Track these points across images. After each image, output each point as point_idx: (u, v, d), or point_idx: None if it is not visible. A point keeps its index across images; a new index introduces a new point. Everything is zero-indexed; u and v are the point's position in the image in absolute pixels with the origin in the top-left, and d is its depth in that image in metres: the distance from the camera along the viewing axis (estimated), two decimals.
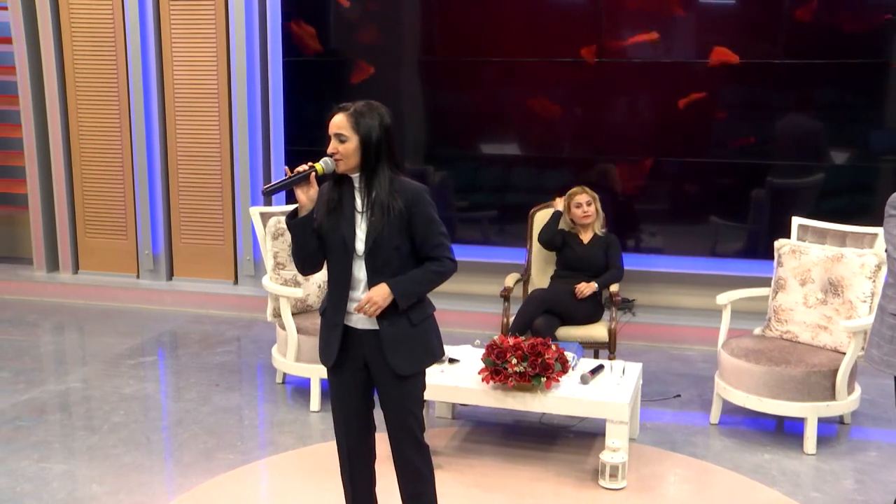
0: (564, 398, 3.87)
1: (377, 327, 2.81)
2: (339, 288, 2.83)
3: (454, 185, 6.31)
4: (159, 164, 6.59)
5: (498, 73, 6.05)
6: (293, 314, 4.69)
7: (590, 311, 4.80)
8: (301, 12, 6.22)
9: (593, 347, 4.82)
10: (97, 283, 6.74)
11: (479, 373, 3.94)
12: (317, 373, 4.55)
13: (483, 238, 6.30)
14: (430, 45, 6.21)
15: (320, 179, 2.79)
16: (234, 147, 6.42)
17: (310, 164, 2.76)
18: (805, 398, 4.10)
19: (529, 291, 5.10)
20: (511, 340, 3.94)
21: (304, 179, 2.74)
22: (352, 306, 2.83)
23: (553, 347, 3.94)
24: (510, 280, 5.04)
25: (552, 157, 6.12)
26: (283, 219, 4.77)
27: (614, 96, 5.92)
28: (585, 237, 5.01)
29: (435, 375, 4.04)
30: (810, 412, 4.12)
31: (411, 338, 2.85)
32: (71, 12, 6.58)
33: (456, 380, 4.03)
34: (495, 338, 3.99)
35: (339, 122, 2.75)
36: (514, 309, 4.85)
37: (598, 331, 4.78)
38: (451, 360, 4.23)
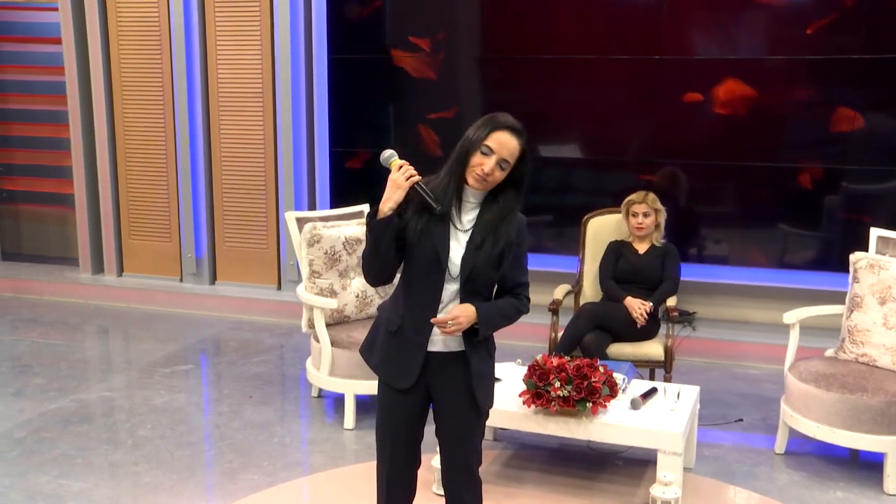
0: (612, 425, 3.54)
1: (461, 348, 2.57)
2: (424, 307, 2.54)
3: None
4: (203, 165, 6.44)
5: (556, 71, 5.71)
6: (329, 325, 4.45)
7: (644, 327, 4.44)
8: (348, 5, 6.00)
9: (648, 366, 4.47)
10: (141, 286, 6.61)
11: (521, 395, 3.63)
12: (351, 388, 4.31)
13: (537, 244, 5.97)
14: (487, 41, 5.89)
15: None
16: (278, 148, 6.22)
17: (413, 173, 2.51)
18: (884, 430, 3.69)
19: (580, 304, 4.77)
20: (555, 361, 3.63)
21: (426, 207, 2.49)
22: (436, 329, 2.57)
23: (601, 370, 3.61)
24: (559, 292, 4.72)
25: (612, 160, 5.76)
26: (319, 224, 4.53)
27: (678, 95, 5.53)
28: (641, 247, 4.65)
29: None
30: (891, 447, 3.70)
31: (490, 370, 2.66)
32: (118, 12, 6.47)
33: (496, 401, 3.71)
34: (538, 358, 3.68)
35: (512, 147, 2.48)
36: (565, 323, 4.53)
37: (652, 348, 4.42)
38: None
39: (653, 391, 3.79)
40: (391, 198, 2.48)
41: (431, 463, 3.55)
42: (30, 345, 5.65)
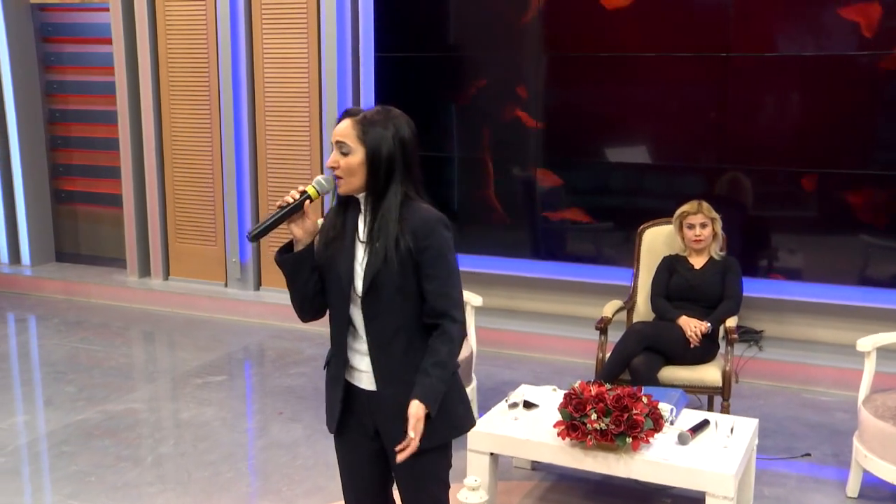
0: (655, 463, 3.20)
1: (372, 388, 2.30)
2: (339, 335, 2.31)
3: (566, 192, 5.67)
4: (248, 167, 6.29)
5: (616, 69, 5.36)
6: None
7: (700, 349, 4.07)
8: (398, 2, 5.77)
9: (704, 392, 4.10)
10: (185, 290, 6.51)
11: (555, 426, 3.32)
12: None
13: (596, 253, 5.63)
14: (546, 38, 5.57)
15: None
16: (324, 151, 6.03)
17: (301, 189, 2.25)
18: None
19: (632, 322, 4.43)
20: (593, 389, 3.31)
21: (296, 211, 2.23)
22: (354, 358, 2.31)
23: (644, 400, 3.28)
24: (609, 309, 4.38)
25: (675, 164, 5.37)
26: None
27: (747, 95, 5.12)
28: (698, 261, 4.28)
29: (506, 423, 3.47)
30: None
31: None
32: (167, 12, 6.37)
33: (529, 430, 3.43)
34: (575, 385, 3.37)
35: (344, 130, 2.21)
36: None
37: (709, 373, 4.05)
38: (529, 405, 3.63)
39: (704, 424, 3.43)
40: (296, 235, 2.26)
41: None
42: (69, 350, 5.58)
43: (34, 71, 7.20)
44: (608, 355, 4.11)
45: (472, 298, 4.41)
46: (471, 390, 4.24)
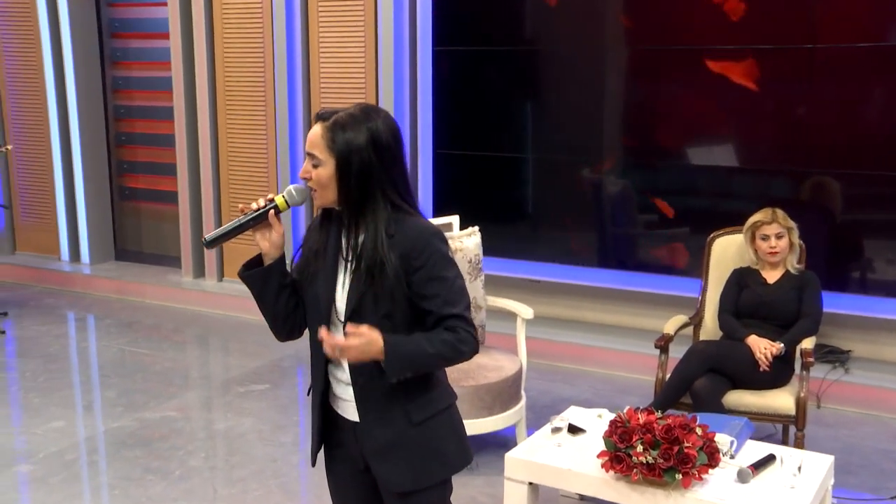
0: (709, 502, 2.95)
1: (354, 418, 2.14)
2: (319, 361, 2.15)
3: (637, 196, 5.41)
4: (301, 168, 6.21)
5: (689, 63, 5.07)
6: None
7: (771, 372, 3.78)
8: None
9: (776, 421, 3.81)
10: (238, 292, 6.47)
11: (599, 456, 3.10)
12: None
13: (670, 260, 5.34)
14: (612, 32, 5.32)
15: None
16: None
17: (269, 197, 2.11)
18: None
19: (698, 340, 4.16)
20: (642, 417, 3.07)
21: (259, 220, 2.10)
22: (338, 387, 2.15)
23: (698, 431, 3.02)
24: (672, 325, 4.11)
25: (755, 168, 5.05)
26: None
27: (836, 91, 4.77)
28: (772, 275, 3.99)
29: (548, 450, 3.26)
30: None
31: (411, 441, 2.11)
32: (223, 7, 6.36)
33: (572, 459, 3.21)
34: (622, 412, 3.14)
35: (313, 138, 2.04)
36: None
37: (781, 400, 3.75)
38: (575, 429, 3.40)
39: (769, 459, 3.16)
40: (262, 248, 2.13)
41: None
42: (116, 352, 5.60)
43: (97, 67, 7.29)
44: (668, 377, 3.87)
45: (522, 310, 4.22)
46: (519, 408, 4.05)
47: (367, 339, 1.94)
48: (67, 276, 7.14)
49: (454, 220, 4.49)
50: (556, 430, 3.39)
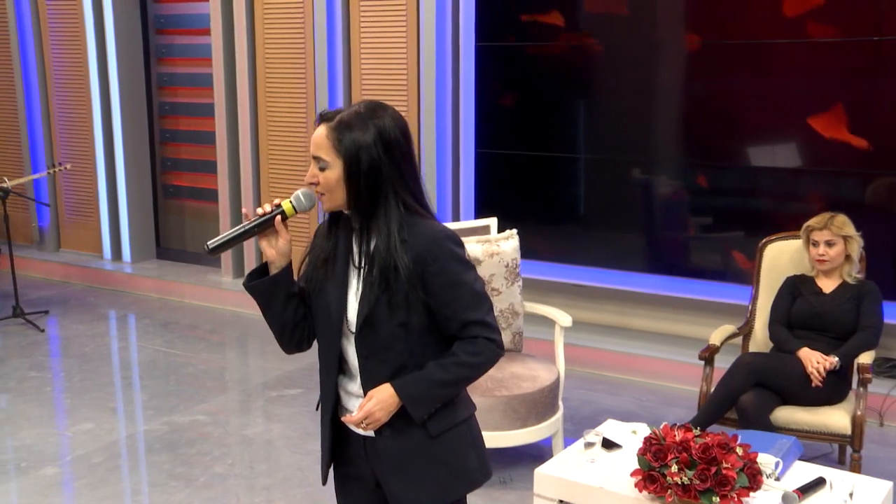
0: None
1: (368, 433, 2.07)
2: (329, 374, 2.09)
3: (689, 198, 5.25)
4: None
5: (746, 58, 4.89)
6: None
7: (825, 388, 3.61)
8: None
9: (830, 440, 3.63)
10: None
11: (632, 475, 2.98)
12: None
13: (724, 266, 5.15)
14: (666, 24, 5.16)
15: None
16: (421, 149, 5.82)
17: (276, 202, 2.04)
18: None
19: (747, 351, 4.00)
20: (678, 434, 2.94)
21: (265, 227, 2.02)
22: (349, 401, 2.08)
23: (738, 452, 2.88)
24: (718, 336, 3.96)
25: (815, 169, 4.84)
26: (476, 247, 4.01)
27: None
28: (828, 285, 3.81)
29: (580, 466, 3.15)
30: None
31: (428, 456, 2.05)
32: (265, 2, 6.34)
33: (604, 477, 3.09)
34: (656, 428, 3.01)
35: (318, 139, 1.97)
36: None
37: (835, 418, 3.58)
38: (610, 444, 3.28)
39: (818, 483, 3.00)
40: (268, 256, 2.06)
41: None
42: (151, 353, 5.63)
43: (140, 63, 7.35)
44: (713, 390, 3.72)
45: (560, 317, 4.11)
46: (555, 420, 3.94)
47: (384, 402, 1.96)
48: (109, 275, 7.21)
49: (492, 222, 4.39)
50: (590, 444, 3.27)
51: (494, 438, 3.76)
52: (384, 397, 1.96)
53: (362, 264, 1.99)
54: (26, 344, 5.79)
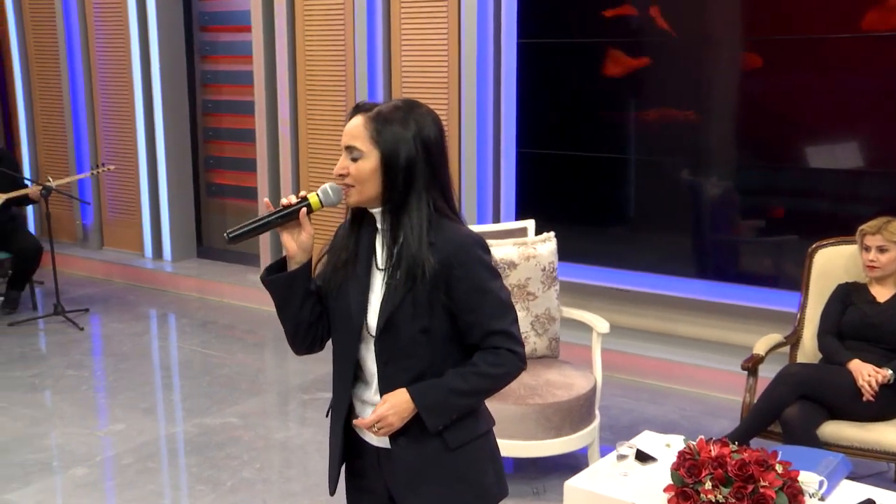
0: None
1: (384, 444, 2.01)
2: (343, 380, 2.04)
3: (741, 200, 5.11)
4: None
5: (807, 56, 4.73)
6: None
7: (878, 402, 3.46)
8: None
9: (884, 459, 3.48)
10: None
11: (665, 491, 2.89)
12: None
13: (776, 271, 5.00)
14: (718, 19, 5.03)
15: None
16: (462, 149, 5.75)
17: (302, 194, 1.99)
18: None
19: (794, 361, 3.86)
20: (714, 449, 2.84)
21: (289, 218, 1.97)
22: (364, 410, 2.03)
23: (778, 469, 2.77)
24: (763, 345, 3.84)
25: (878, 171, 4.67)
26: (511, 249, 3.95)
27: None
28: (883, 293, 3.66)
29: (612, 480, 3.06)
30: None
31: (445, 469, 1.99)
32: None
33: (636, 491, 3.00)
34: (691, 442, 2.91)
35: (354, 130, 1.94)
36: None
37: (888, 434, 3.44)
38: (644, 457, 3.19)
39: None
40: (289, 249, 2.00)
41: None
42: (188, 353, 5.66)
43: (182, 61, 7.41)
44: (755, 401, 3.60)
45: (597, 323, 4.02)
46: (591, 430, 3.85)
47: (398, 408, 1.92)
48: (149, 274, 7.28)
49: (529, 224, 4.32)
50: (622, 457, 3.18)
51: (527, 448, 3.70)
52: (399, 402, 1.92)
53: (387, 265, 1.95)
54: (66, 342, 5.86)
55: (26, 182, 6.40)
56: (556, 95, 5.46)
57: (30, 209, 7.96)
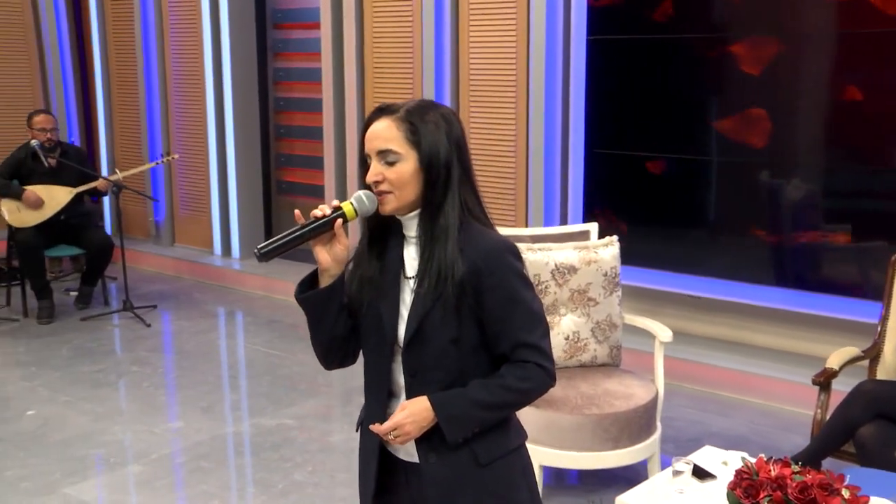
0: None
1: (414, 459, 1.97)
2: (375, 393, 2.00)
3: (824, 204, 4.91)
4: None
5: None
6: None
7: None
8: None
9: None
10: None
11: None
12: (536, 457, 3.67)
13: (861, 281, 4.78)
14: (802, 12, 4.84)
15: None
16: (529, 149, 5.67)
17: (335, 203, 1.93)
18: None
19: (872, 377, 3.69)
20: (774, 469, 2.71)
21: (323, 230, 1.92)
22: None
23: (845, 494, 2.63)
24: (837, 359, 3.67)
25: None
26: (522, 246, 3.91)
27: None
28: None
29: (667, 497, 2.96)
30: None
31: (477, 486, 1.93)
32: None
33: None
34: (749, 460, 2.79)
35: (384, 132, 1.88)
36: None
37: None
38: (702, 473, 3.08)
39: None
40: (323, 262, 1.95)
41: None
42: (250, 352, 5.72)
43: (253, 59, 7.50)
44: (828, 418, 3.45)
45: (659, 332, 3.91)
46: (651, 442, 3.74)
47: (417, 415, 1.86)
48: (217, 271, 7.39)
49: (592, 227, 4.22)
50: (678, 473, 3.08)
51: (582, 460, 3.62)
52: (418, 410, 1.87)
53: (416, 274, 1.91)
54: (132, 338, 5.99)
55: (97, 175, 6.57)
56: (628, 94, 5.34)
57: (106, 207, 8.17)
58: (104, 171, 8.08)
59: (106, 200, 7.96)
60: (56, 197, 6.30)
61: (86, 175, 6.45)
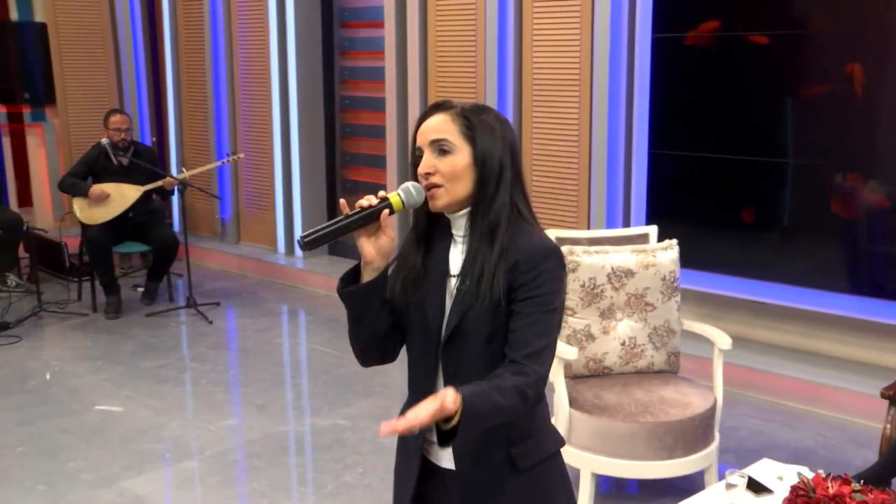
0: None
1: (450, 466, 1.94)
2: (420, 393, 1.94)
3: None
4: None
5: None
6: (580, 377, 3.83)
7: None
8: None
9: None
10: None
11: None
12: (589, 464, 3.61)
13: None
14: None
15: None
16: (592, 148, 5.60)
17: (381, 194, 1.89)
18: None
19: None
20: (832, 486, 2.61)
21: (369, 221, 1.87)
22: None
23: None
24: None
25: None
26: (578, 249, 3.85)
27: None
28: None
29: None
30: None
31: (513, 492, 1.90)
32: None
33: None
34: (806, 476, 2.69)
35: (439, 125, 1.85)
36: None
37: None
38: (757, 488, 2.98)
39: None
40: (367, 254, 1.88)
41: None
42: (308, 351, 5.76)
43: (318, 57, 7.55)
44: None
45: (719, 339, 3.81)
46: (708, 453, 3.64)
47: (435, 408, 1.68)
48: (281, 269, 7.47)
49: (651, 230, 4.13)
50: (731, 486, 2.98)
51: (635, 469, 3.55)
52: (447, 397, 1.72)
53: (461, 271, 1.88)
54: (194, 335, 6.09)
55: (165, 174, 6.70)
56: (694, 93, 5.22)
57: (174, 205, 8.33)
58: (173, 170, 8.23)
59: (174, 198, 8.11)
60: (125, 194, 6.44)
61: (155, 174, 6.58)
